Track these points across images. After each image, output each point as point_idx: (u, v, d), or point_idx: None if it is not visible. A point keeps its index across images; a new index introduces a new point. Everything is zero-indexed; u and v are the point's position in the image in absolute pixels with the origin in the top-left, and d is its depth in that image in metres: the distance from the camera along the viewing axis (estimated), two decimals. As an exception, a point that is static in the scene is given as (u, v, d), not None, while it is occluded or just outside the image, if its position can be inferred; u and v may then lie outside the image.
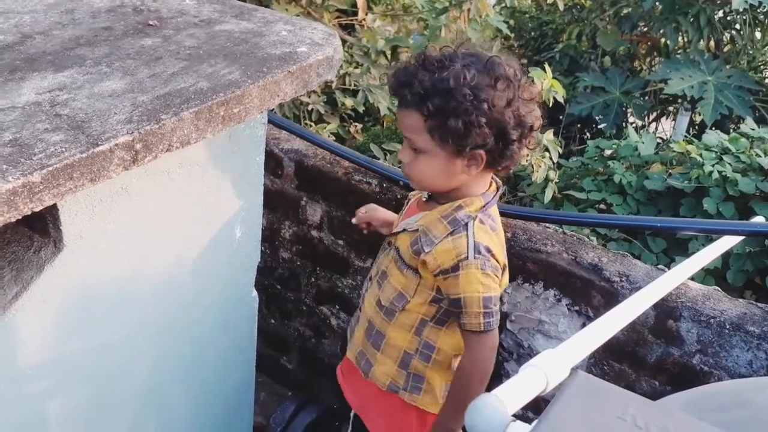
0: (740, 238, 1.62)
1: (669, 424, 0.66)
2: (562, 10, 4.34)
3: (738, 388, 1.11)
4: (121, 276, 1.31)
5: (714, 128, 3.40)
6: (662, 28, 4.23)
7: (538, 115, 1.33)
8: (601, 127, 4.37)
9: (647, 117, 4.50)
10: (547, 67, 2.65)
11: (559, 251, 1.68)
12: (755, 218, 1.77)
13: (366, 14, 3.19)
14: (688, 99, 3.94)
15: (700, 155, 2.79)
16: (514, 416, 0.70)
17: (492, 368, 1.36)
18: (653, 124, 4.64)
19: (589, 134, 4.49)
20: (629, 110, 4.22)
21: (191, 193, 1.37)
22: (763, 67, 4.29)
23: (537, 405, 0.91)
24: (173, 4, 1.51)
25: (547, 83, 2.54)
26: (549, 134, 2.73)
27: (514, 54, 4.61)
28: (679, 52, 4.35)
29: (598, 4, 4.57)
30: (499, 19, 3.67)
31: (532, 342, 1.76)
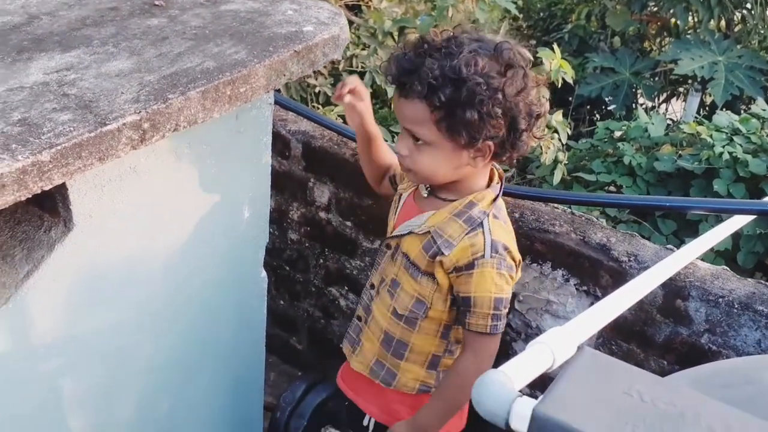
0: (750, 218, 1.61)
1: (676, 399, 0.66)
2: (572, -11, 4.30)
3: (745, 365, 1.11)
4: (130, 255, 1.31)
5: (724, 109, 3.38)
6: (672, 8, 4.18)
7: (546, 103, 1.28)
8: (610, 108, 4.34)
9: (657, 98, 4.46)
10: (556, 47, 2.63)
11: (567, 231, 1.67)
12: (767, 198, 1.76)
13: (373, -5, 3.16)
14: (699, 79, 3.91)
15: (711, 136, 2.78)
16: (521, 392, 0.70)
17: None
18: (663, 105, 4.60)
19: (599, 115, 4.45)
20: (639, 91, 4.18)
21: (199, 173, 1.37)
22: (774, 47, 4.24)
23: (544, 384, 0.91)
24: (180, -16, 1.51)
25: (556, 64, 2.53)
26: (558, 115, 2.72)
27: (522, 35, 4.58)
28: (689, 32, 4.30)
29: (607, -17, 4.52)
30: (508, -1, 3.64)
31: (540, 322, 1.76)
